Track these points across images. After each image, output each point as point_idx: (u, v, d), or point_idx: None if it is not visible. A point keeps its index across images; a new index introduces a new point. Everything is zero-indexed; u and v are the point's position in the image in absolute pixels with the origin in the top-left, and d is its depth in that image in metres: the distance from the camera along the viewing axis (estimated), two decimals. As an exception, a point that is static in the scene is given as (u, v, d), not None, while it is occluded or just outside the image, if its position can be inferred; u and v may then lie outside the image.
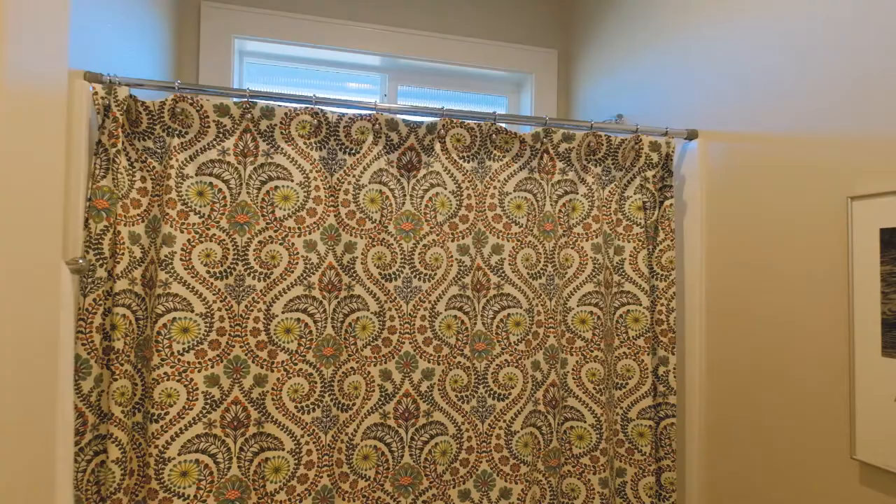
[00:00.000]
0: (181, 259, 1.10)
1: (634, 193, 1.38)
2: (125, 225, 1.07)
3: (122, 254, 1.06)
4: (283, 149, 1.17)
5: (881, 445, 0.92)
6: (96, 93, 1.04)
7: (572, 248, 1.35)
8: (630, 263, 1.36)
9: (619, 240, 1.37)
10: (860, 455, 0.95)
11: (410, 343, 1.23)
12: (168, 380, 1.07)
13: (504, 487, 1.27)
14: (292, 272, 1.15)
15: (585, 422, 1.31)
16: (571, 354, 1.33)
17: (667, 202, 1.38)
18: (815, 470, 1.04)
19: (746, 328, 1.22)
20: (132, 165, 1.10)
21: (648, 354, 1.35)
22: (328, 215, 1.19)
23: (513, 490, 1.27)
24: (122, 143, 1.08)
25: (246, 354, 1.13)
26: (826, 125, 1.03)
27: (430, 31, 1.99)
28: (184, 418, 1.08)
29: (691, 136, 1.38)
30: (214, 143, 1.14)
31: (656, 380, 1.37)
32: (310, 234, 1.17)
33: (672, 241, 1.37)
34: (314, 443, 1.15)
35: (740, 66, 1.24)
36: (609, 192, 1.38)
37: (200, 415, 1.10)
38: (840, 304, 1.00)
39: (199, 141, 1.13)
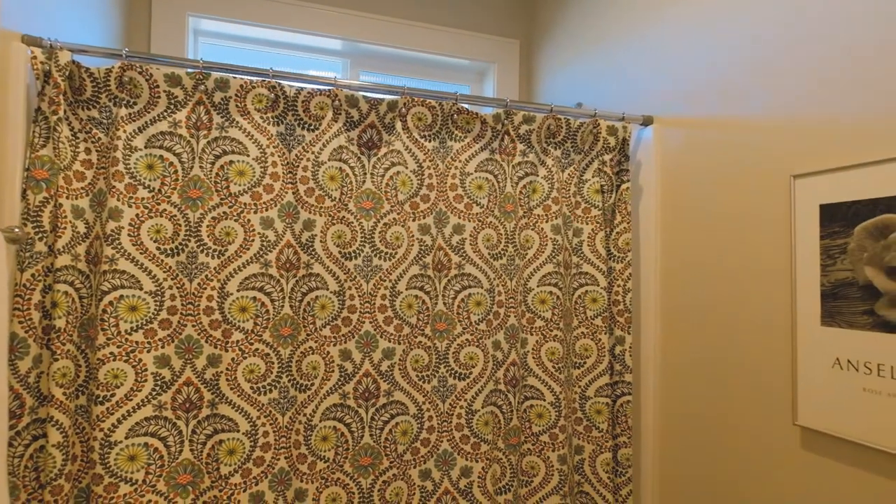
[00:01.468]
0: (129, 234, 1.05)
1: (592, 177, 1.41)
2: (67, 198, 1.02)
3: (64, 228, 1.01)
4: (238, 122, 1.14)
5: (820, 410, 0.97)
6: (35, 57, 0.98)
7: (532, 229, 1.36)
8: (588, 245, 1.39)
9: (577, 222, 1.40)
10: (801, 421, 1.00)
11: (371, 322, 1.21)
12: (114, 360, 1.03)
13: (465, 466, 1.27)
14: (248, 249, 1.12)
15: (545, 400, 1.33)
16: (531, 334, 1.34)
17: (623, 186, 1.41)
18: (762, 438, 1.09)
19: (699, 307, 1.26)
20: (75, 136, 1.05)
21: (605, 334, 1.38)
22: (286, 192, 1.16)
23: (473, 468, 1.27)
24: (64, 111, 1.02)
25: (199, 334, 1.09)
26: (772, 110, 1.08)
27: (394, 16, 1.97)
28: (131, 400, 1.04)
29: (647, 121, 1.42)
30: (165, 114, 1.10)
31: (613, 359, 1.40)
32: (267, 210, 1.14)
33: (629, 223, 1.40)
34: (271, 424, 1.13)
35: (693, 55, 1.28)
36: (568, 174, 1.41)
37: (150, 397, 1.05)
38: (785, 278, 1.05)
39: (148, 112, 1.09)
